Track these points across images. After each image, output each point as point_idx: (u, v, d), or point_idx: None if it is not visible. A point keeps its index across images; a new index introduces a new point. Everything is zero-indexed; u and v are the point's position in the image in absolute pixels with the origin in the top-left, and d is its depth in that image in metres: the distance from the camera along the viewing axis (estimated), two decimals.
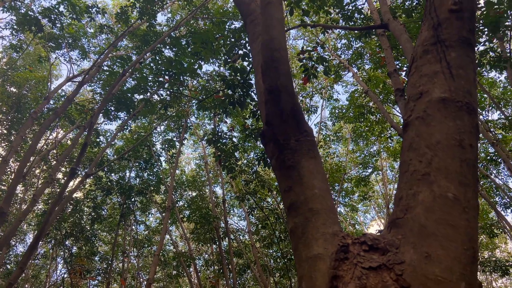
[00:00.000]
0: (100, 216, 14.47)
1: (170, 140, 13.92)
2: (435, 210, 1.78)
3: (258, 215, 14.79)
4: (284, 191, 2.27)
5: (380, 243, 1.77)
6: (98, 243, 16.59)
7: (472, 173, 1.95)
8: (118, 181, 14.15)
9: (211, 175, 17.17)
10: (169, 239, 17.69)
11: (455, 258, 1.66)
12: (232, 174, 12.62)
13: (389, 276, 1.64)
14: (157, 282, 19.00)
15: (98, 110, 8.52)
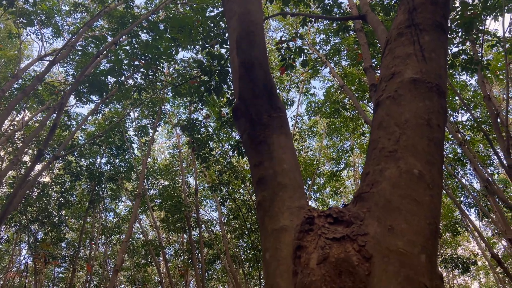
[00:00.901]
0: (68, 202, 14.11)
1: (144, 127, 13.68)
2: (400, 186, 1.80)
3: (230, 206, 14.77)
4: (253, 165, 2.25)
5: (345, 216, 1.78)
6: (65, 230, 16.19)
7: (438, 152, 1.98)
8: (88, 167, 13.81)
9: (185, 165, 17.02)
10: (139, 228, 17.45)
11: (418, 231, 1.68)
12: (206, 164, 12.54)
13: (352, 247, 1.65)
14: (125, 270, 18.74)
15: (70, 91, 8.28)
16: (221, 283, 20.89)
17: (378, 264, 1.62)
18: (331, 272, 1.58)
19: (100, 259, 17.62)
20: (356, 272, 1.58)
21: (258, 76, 2.38)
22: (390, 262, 1.61)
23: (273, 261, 1.86)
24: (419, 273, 1.60)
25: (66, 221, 16.17)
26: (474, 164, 10.11)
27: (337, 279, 1.56)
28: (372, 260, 1.64)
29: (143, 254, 16.02)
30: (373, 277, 1.58)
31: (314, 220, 1.81)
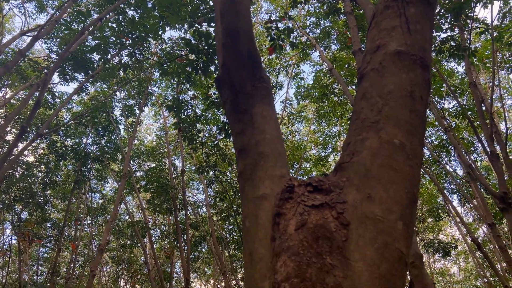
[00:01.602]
0: (53, 182, 13.95)
1: (130, 107, 13.52)
2: (380, 155, 1.80)
3: (217, 188, 14.79)
4: (236, 134, 2.23)
5: (324, 185, 1.78)
6: (50, 210, 16.06)
7: (420, 124, 1.99)
8: (74, 147, 13.64)
9: (172, 147, 16.92)
10: (125, 209, 17.39)
11: (396, 200, 1.69)
12: (193, 146, 12.48)
13: (330, 214, 1.66)
14: (111, 251, 18.73)
15: (54, 68, 8.10)
16: (206, 265, 21.07)
17: (355, 231, 1.63)
18: (309, 237, 1.58)
19: (86, 239, 17.57)
20: (334, 238, 1.59)
21: (242, 44, 2.34)
22: (368, 229, 1.62)
23: (252, 227, 1.86)
24: (396, 239, 1.61)
25: (51, 201, 16.02)
26: (458, 151, 10.25)
27: (314, 244, 1.56)
28: (350, 227, 1.64)
29: (128, 235, 16.01)
30: (350, 243, 1.59)
31: (294, 189, 1.81)
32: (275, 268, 1.55)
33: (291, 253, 1.55)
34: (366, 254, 1.56)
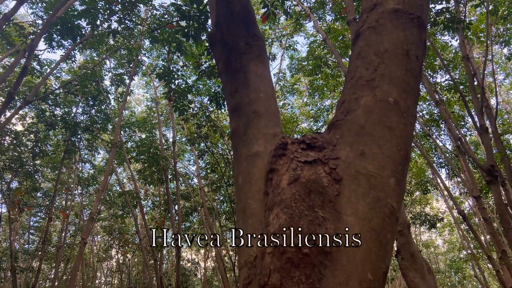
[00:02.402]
0: (43, 152, 13.83)
1: (120, 75, 13.29)
2: (374, 113, 1.79)
3: (209, 160, 14.81)
4: (229, 94, 2.20)
5: (318, 142, 1.77)
6: (40, 179, 15.99)
7: (415, 83, 1.97)
8: (63, 116, 13.45)
9: (162, 118, 16.79)
10: (116, 180, 17.40)
11: (388, 156, 1.69)
12: (184, 116, 12.39)
13: (323, 169, 1.65)
14: (102, 221, 18.85)
15: (40, 33, 7.89)
16: (197, 234, 21.34)
17: (347, 186, 1.63)
18: (301, 191, 1.59)
19: (76, 209, 17.62)
20: (326, 192, 1.59)
21: (235, 0, 2.27)
22: (360, 184, 1.63)
23: (245, 184, 1.86)
24: (388, 195, 1.62)
25: (41, 171, 15.93)
26: (448, 124, 10.33)
27: (306, 198, 1.57)
28: (342, 182, 1.65)
29: (120, 205, 16.08)
30: (342, 198, 1.60)
31: (287, 146, 1.80)
32: (268, 221, 1.55)
33: (284, 206, 1.55)
34: (358, 208, 1.57)
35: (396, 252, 5.87)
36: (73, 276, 8.88)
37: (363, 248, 1.49)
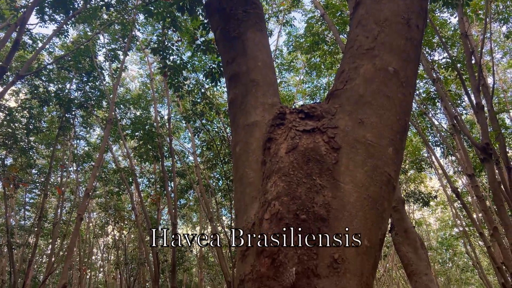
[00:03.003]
0: (37, 128, 13.71)
1: (114, 51, 13.07)
2: (374, 82, 1.77)
3: (204, 138, 14.78)
4: (226, 63, 2.17)
5: (316, 111, 1.75)
6: (35, 156, 15.93)
7: (415, 52, 1.94)
8: (57, 92, 13.28)
9: (157, 95, 16.66)
10: (111, 157, 17.38)
11: (387, 125, 1.68)
12: (179, 93, 12.28)
13: (322, 138, 1.65)
14: (98, 197, 18.93)
15: (32, 6, 7.69)
16: (193, 212, 21.54)
17: (346, 154, 1.63)
18: (299, 159, 1.58)
19: (72, 185, 17.64)
20: (324, 161, 1.59)
21: None
22: (358, 153, 1.63)
23: (243, 153, 1.85)
24: (385, 163, 1.62)
25: (36, 147, 15.85)
26: (445, 102, 10.32)
27: (304, 166, 1.56)
28: (340, 150, 1.64)
29: (115, 182, 16.10)
30: (340, 166, 1.60)
31: (285, 115, 1.79)
32: (266, 189, 1.55)
33: (282, 173, 1.55)
34: (355, 176, 1.57)
35: (390, 227, 5.94)
36: (69, 251, 8.94)
37: (360, 215, 1.50)
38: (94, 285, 22.83)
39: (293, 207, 1.46)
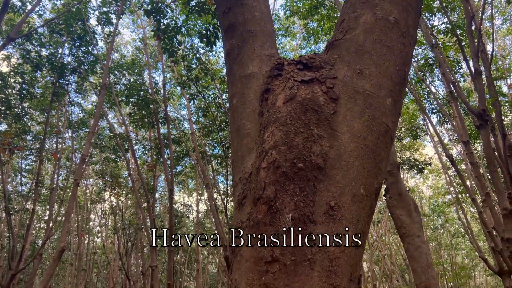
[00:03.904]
0: (31, 94, 13.53)
1: (106, 13, 12.72)
2: (374, 31, 1.73)
3: (200, 104, 14.68)
4: (222, 13, 2.10)
5: (315, 62, 1.72)
6: (29, 122, 15.80)
7: (416, 3, 1.89)
8: (49, 57, 13.02)
9: (151, 61, 16.38)
10: (106, 125, 17.28)
11: (386, 76, 1.65)
12: (174, 58, 12.07)
13: (320, 89, 1.62)
14: (94, 164, 18.98)
15: None
16: (189, 179, 21.71)
17: (344, 105, 1.61)
18: (297, 109, 1.56)
19: (67, 152, 17.63)
20: (322, 111, 1.57)
21: None
22: (356, 103, 1.61)
23: (239, 105, 1.83)
24: (384, 114, 1.61)
25: (30, 113, 15.71)
26: (443, 69, 10.23)
27: (302, 116, 1.55)
28: (338, 101, 1.62)
29: (111, 149, 16.08)
30: (338, 116, 1.58)
31: (283, 67, 1.76)
32: (263, 139, 1.54)
33: (279, 123, 1.53)
34: (353, 126, 1.56)
35: (384, 191, 6.02)
36: (67, 216, 9.02)
37: (357, 164, 1.49)
38: (92, 250, 23.27)
39: (290, 156, 1.45)
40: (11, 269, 12.03)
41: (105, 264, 24.09)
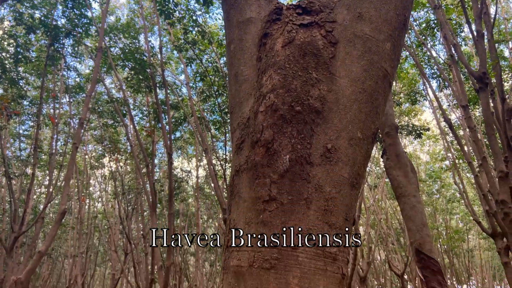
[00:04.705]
0: (26, 58, 13.32)
1: None
2: None
3: (197, 69, 14.50)
4: None
5: (314, 6, 1.68)
6: (26, 87, 15.64)
7: None
8: (42, 19, 12.72)
9: (147, 24, 16.03)
10: (104, 91, 17.13)
11: (386, 20, 1.62)
12: (170, 20, 11.82)
13: (319, 32, 1.59)
14: (93, 129, 18.96)
15: None
16: (188, 145, 21.78)
17: (343, 49, 1.59)
18: (296, 53, 1.54)
19: (65, 118, 17.57)
20: (321, 55, 1.55)
21: None
22: (355, 47, 1.59)
23: (237, 51, 1.81)
24: (383, 58, 1.59)
25: (26, 78, 15.52)
26: (444, 31, 10.07)
27: (300, 60, 1.53)
28: (337, 45, 1.60)
29: (109, 114, 16.02)
30: (337, 60, 1.56)
31: (282, 11, 1.72)
32: (261, 83, 1.53)
33: (277, 67, 1.52)
34: (352, 70, 1.54)
35: (382, 152, 6.06)
36: (66, 180, 9.10)
37: (354, 108, 1.49)
38: (93, 214, 23.65)
39: (288, 99, 1.44)
40: (13, 232, 12.27)
41: (106, 228, 24.56)
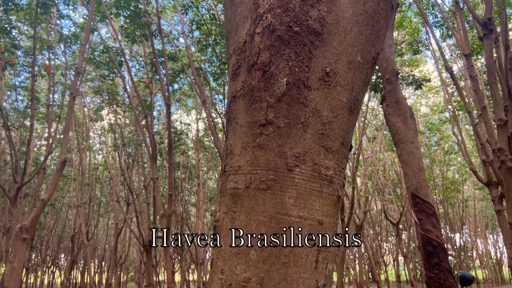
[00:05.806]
0: (16, 5, 12.86)
1: None
2: None
3: (194, 18, 14.07)
4: None
5: None
6: (19, 37, 15.26)
7: None
8: None
9: None
10: (100, 41, 16.70)
11: None
12: None
13: None
14: (91, 81, 18.71)
15: None
16: (187, 97, 21.60)
17: None
18: None
19: (61, 69, 17.28)
20: None
21: None
22: None
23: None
24: None
25: (18, 27, 15.09)
26: None
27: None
28: None
29: (106, 65, 15.73)
30: None
31: None
32: (258, 3, 1.46)
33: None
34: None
35: (382, 99, 6.00)
36: (66, 130, 9.08)
37: (354, 30, 1.44)
38: (94, 165, 23.90)
39: (286, 19, 1.38)
40: (16, 182, 12.44)
41: (108, 180, 24.93)
